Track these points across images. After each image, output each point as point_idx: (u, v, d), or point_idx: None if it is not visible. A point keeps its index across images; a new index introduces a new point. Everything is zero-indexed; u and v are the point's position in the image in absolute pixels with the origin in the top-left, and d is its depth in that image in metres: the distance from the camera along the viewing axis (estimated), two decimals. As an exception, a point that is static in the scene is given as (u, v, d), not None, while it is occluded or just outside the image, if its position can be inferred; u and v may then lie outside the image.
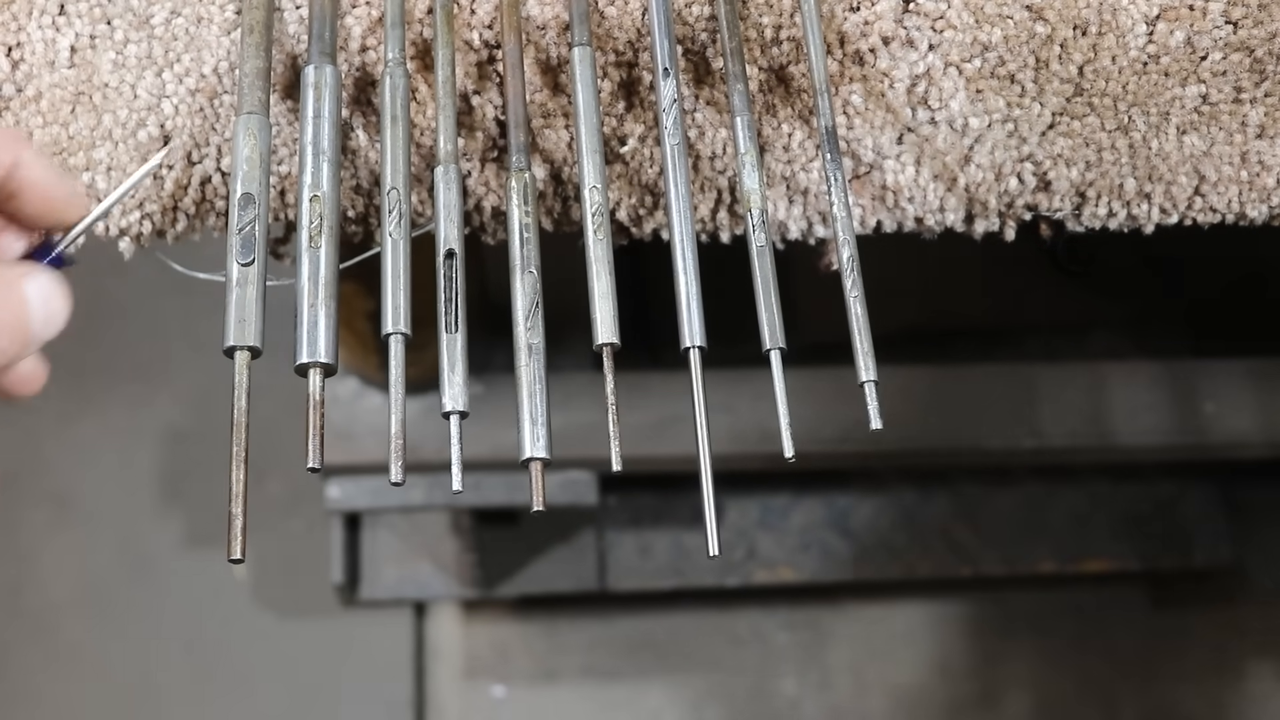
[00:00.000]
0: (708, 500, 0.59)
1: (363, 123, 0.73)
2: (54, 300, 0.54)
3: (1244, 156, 0.78)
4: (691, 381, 0.62)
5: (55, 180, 0.56)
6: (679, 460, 1.45)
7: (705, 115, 0.75)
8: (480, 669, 1.82)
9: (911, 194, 0.77)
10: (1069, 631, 1.89)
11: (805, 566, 1.77)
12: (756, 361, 0.64)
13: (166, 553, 1.84)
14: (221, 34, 0.73)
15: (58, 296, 0.54)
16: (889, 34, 0.75)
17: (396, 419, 0.58)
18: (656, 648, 1.85)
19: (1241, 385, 1.54)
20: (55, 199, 0.56)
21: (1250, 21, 0.76)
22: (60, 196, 0.56)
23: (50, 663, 1.79)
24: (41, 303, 0.53)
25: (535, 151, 0.74)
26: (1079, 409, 1.52)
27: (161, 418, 1.89)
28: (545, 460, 0.60)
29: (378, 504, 1.56)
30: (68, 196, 0.57)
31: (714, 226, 0.78)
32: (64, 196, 0.56)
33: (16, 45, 0.73)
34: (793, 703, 1.84)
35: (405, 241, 0.63)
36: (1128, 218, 0.80)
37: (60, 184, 0.56)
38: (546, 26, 0.75)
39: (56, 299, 0.54)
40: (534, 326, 0.62)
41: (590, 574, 1.74)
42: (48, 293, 0.53)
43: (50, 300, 0.53)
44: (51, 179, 0.56)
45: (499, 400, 1.27)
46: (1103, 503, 1.81)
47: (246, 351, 0.58)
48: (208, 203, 0.74)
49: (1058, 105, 0.76)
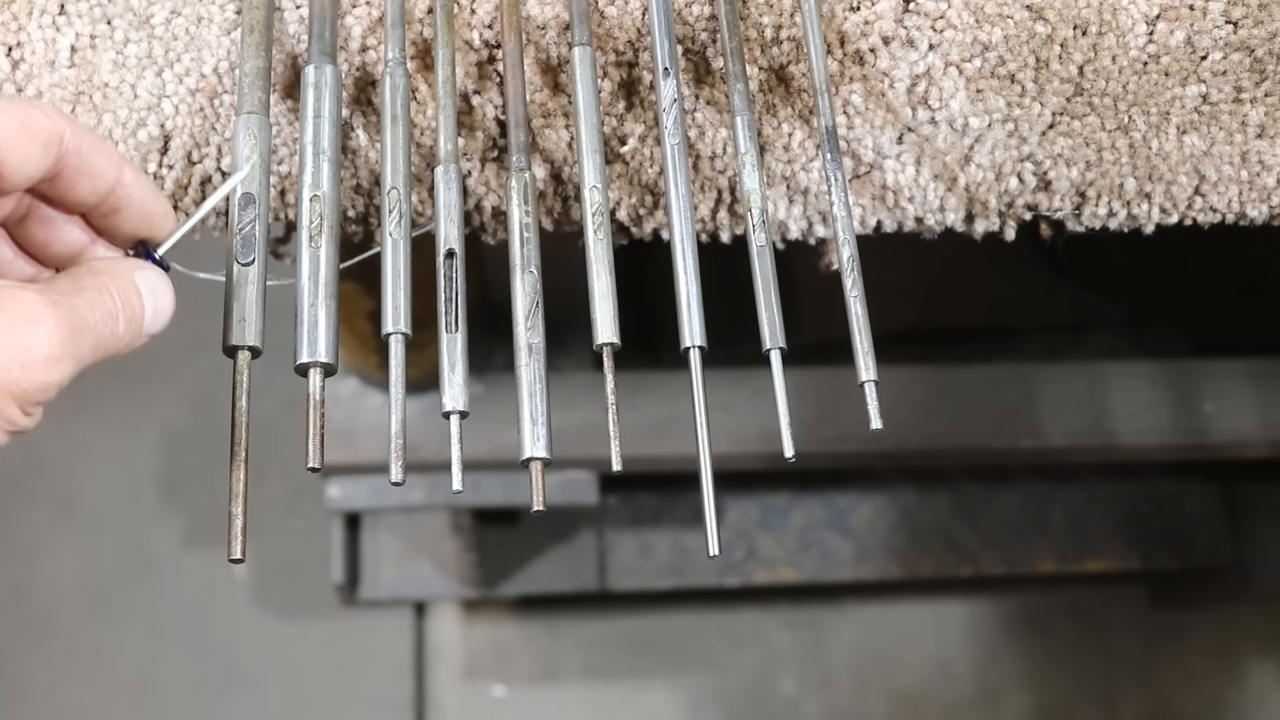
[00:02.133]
0: (708, 500, 0.59)
1: (363, 122, 0.73)
2: (162, 296, 0.56)
3: (1244, 156, 0.78)
4: (691, 381, 0.62)
5: (154, 197, 0.58)
6: (679, 460, 1.45)
7: (705, 115, 0.75)
8: (480, 669, 1.82)
9: (911, 194, 0.77)
10: (1069, 631, 1.89)
11: (805, 566, 1.77)
12: (756, 361, 0.64)
13: (166, 553, 1.84)
14: (221, 34, 0.73)
15: (165, 293, 0.56)
16: (889, 34, 0.75)
17: (396, 419, 0.58)
18: (656, 648, 1.85)
19: (1241, 385, 1.54)
20: (153, 214, 0.58)
21: (1250, 21, 0.76)
22: (158, 213, 0.58)
23: (50, 663, 1.79)
24: (152, 296, 0.55)
25: (535, 151, 0.74)
26: (1079, 409, 1.52)
27: (161, 418, 1.89)
28: (545, 460, 0.60)
29: (378, 504, 1.56)
30: (165, 212, 0.59)
31: (714, 226, 0.78)
32: (161, 213, 0.58)
33: (16, 45, 0.73)
34: (793, 703, 1.84)
35: (405, 241, 0.63)
36: (1128, 218, 0.80)
37: (158, 201, 0.58)
38: (546, 26, 0.75)
39: (164, 295, 0.56)
40: (534, 326, 0.62)
41: (590, 574, 1.74)
42: (157, 288, 0.56)
43: (159, 295, 0.56)
44: (150, 196, 0.58)
45: (499, 400, 1.27)
46: (1103, 503, 1.81)
47: (246, 351, 0.58)
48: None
49: (1058, 105, 0.76)
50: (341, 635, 1.81)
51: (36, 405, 0.50)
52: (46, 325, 0.49)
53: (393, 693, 1.80)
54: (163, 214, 0.59)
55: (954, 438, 1.52)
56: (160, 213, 0.58)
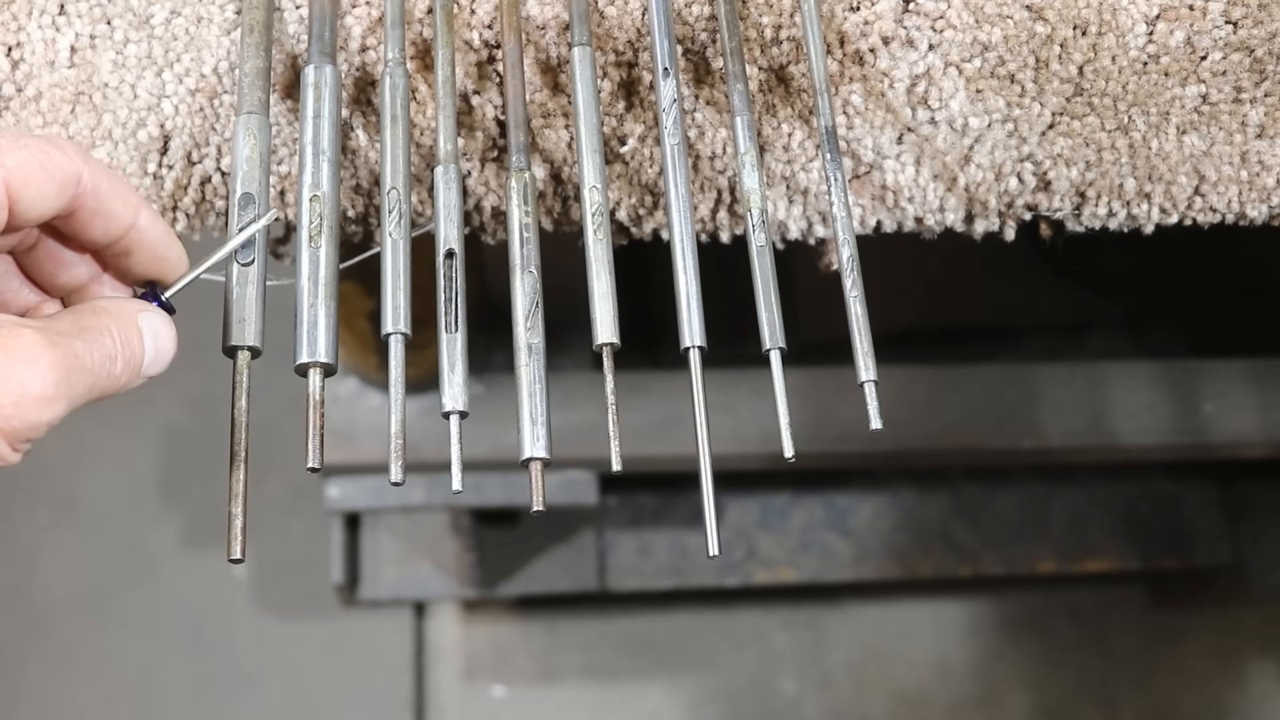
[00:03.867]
0: (708, 500, 0.59)
1: (363, 123, 0.73)
2: (164, 339, 0.55)
3: (1244, 156, 0.78)
4: (691, 381, 0.62)
5: (168, 242, 0.58)
6: (679, 460, 1.45)
7: (705, 115, 0.75)
8: (480, 669, 1.82)
9: (911, 194, 0.77)
10: (1069, 631, 1.89)
11: (805, 566, 1.77)
12: (756, 361, 0.64)
13: (166, 553, 1.84)
14: (221, 34, 0.73)
15: (167, 337, 0.56)
16: (889, 34, 0.75)
17: (396, 419, 0.58)
18: (656, 648, 1.85)
19: (1241, 385, 1.54)
20: (166, 259, 0.58)
21: (1250, 21, 0.76)
22: (170, 257, 0.58)
23: (50, 663, 1.79)
24: (153, 339, 0.55)
25: (535, 151, 0.74)
26: (1079, 409, 1.52)
27: (161, 418, 1.89)
28: (545, 460, 0.60)
29: (378, 504, 1.56)
30: (177, 257, 0.58)
31: (714, 226, 0.78)
32: (174, 258, 0.58)
33: (16, 45, 0.73)
34: (793, 703, 1.84)
35: (405, 241, 0.63)
36: (1128, 218, 0.80)
37: (172, 245, 0.58)
38: (546, 26, 0.75)
39: (166, 339, 0.56)
40: (534, 326, 0.62)
41: (590, 574, 1.74)
42: (159, 331, 0.55)
43: (160, 339, 0.55)
44: (164, 241, 0.58)
45: (499, 400, 1.27)
46: (1102, 503, 1.81)
47: (246, 351, 0.58)
48: (208, 203, 0.74)
49: (1058, 105, 0.76)
50: (341, 635, 1.81)
51: (25, 443, 0.49)
52: (43, 365, 0.48)
53: (393, 693, 1.80)
54: (175, 259, 0.58)
55: (954, 438, 1.52)
56: (173, 257, 0.58)
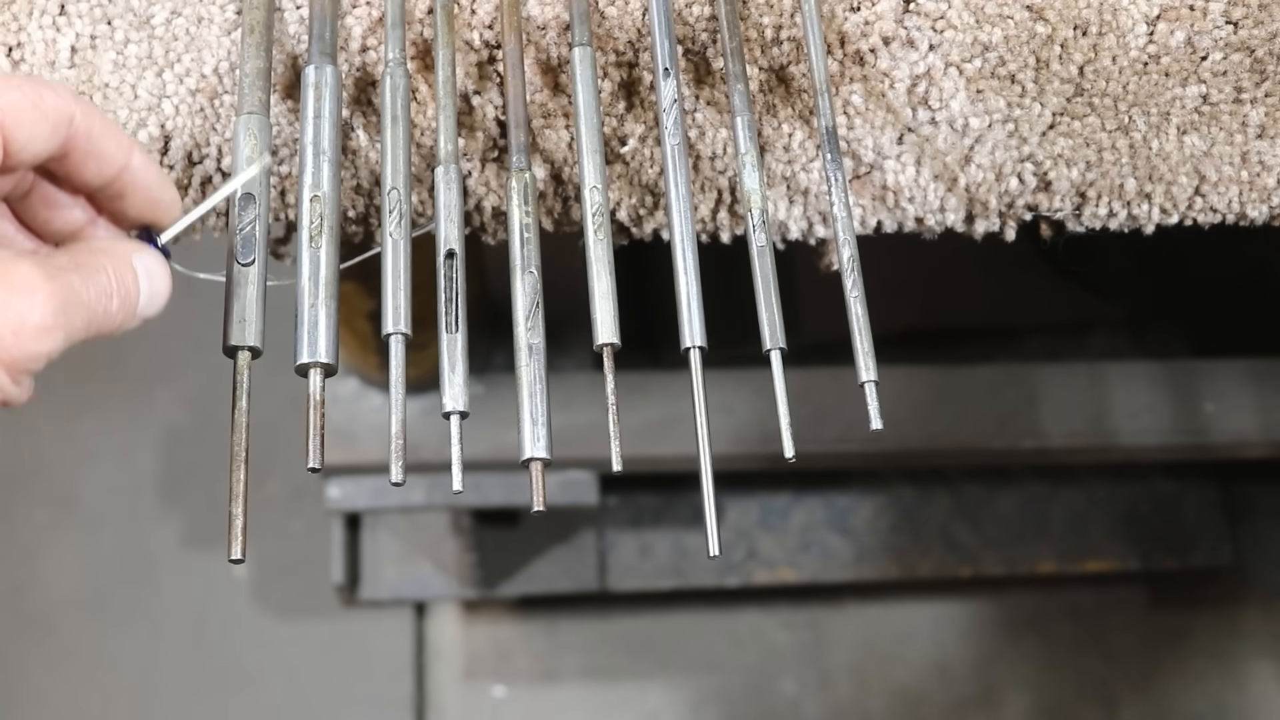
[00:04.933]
0: (708, 500, 0.59)
1: (363, 123, 0.73)
2: (158, 280, 0.56)
3: (1244, 156, 0.78)
4: (691, 381, 0.62)
5: (161, 184, 0.58)
6: (679, 460, 1.45)
7: (705, 115, 0.75)
8: (480, 669, 1.82)
9: (912, 194, 0.77)
10: (1069, 631, 1.89)
11: (805, 566, 1.77)
12: (756, 361, 0.64)
13: (167, 553, 1.84)
14: (222, 34, 0.73)
15: (161, 278, 0.56)
16: (889, 34, 0.75)
17: (397, 419, 0.58)
18: (656, 648, 1.85)
19: (1241, 385, 1.54)
20: (159, 201, 0.58)
21: (1250, 21, 0.76)
22: (164, 200, 0.58)
23: (50, 663, 1.79)
24: (148, 279, 0.55)
25: (535, 151, 0.74)
26: (1079, 409, 1.52)
27: (161, 418, 1.89)
28: (545, 460, 0.60)
29: (378, 504, 1.56)
30: (171, 200, 0.59)
31: (714, 226, 0.78)
32: (168, 200, 0.58)
33: (17, 45, 0.73)
34: (793, 703, 1.84)
35: (405, 241, 0.63)
36: (1128, 218, 0.80)
37: (166, 187, 0.58)
38: (547, 26, 0.75)
39: (161, 280, 0.56)
40: (534, 326, 0.62)
41: (590, 574, 1.74)
42: (154, 271, 0.56)
43: (155, 279, 0.56)
44: (157, 183, 0.58)
45: (499, 400, 1.27)
46: (1103, 503, 1.81)
47: (246, 351, 0.58)
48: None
49: (1058, 105, 0.76)
50: (341, 635, 1.81)
51: (26, 374, 0.50)
52: (41, 296, 0.49)
53: (393, 693, 1.80)
54: (169, 201, 0.58)
55: (954, 438, 1.52)
56: (166, 200, 0.58)
